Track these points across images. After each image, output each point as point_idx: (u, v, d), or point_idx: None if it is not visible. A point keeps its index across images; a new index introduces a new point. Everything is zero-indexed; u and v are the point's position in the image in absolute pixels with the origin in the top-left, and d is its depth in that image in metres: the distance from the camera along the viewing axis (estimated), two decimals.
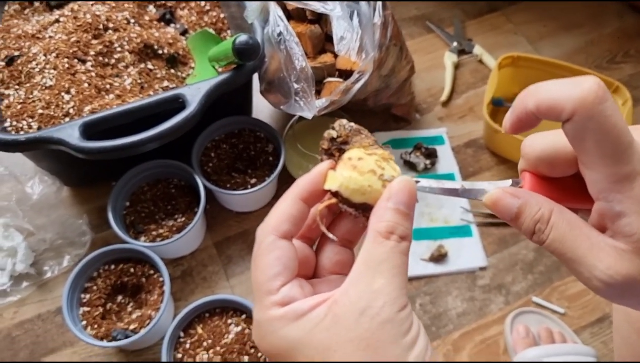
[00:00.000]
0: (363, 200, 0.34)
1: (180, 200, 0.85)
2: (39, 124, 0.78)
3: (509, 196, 0.33)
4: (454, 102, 1.07)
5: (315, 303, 0.31)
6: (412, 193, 0.33)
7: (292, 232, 0.35)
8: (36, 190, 0.85)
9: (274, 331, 0.31)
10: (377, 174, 0.34)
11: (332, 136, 0.36)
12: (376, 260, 0.31)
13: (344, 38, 0.76)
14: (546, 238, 0.31)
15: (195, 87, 0.75)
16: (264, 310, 0.32)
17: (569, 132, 0.29)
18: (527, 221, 0.32)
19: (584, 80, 0.28)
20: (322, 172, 0.35)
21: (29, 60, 0.82)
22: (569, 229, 0.31)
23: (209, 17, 0.96)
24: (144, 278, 0.78)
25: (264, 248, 0.34)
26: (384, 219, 0.32)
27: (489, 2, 1.22)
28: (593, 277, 0.30)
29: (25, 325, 0.82)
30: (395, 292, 0.30)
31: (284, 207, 0.35)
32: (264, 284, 0.32)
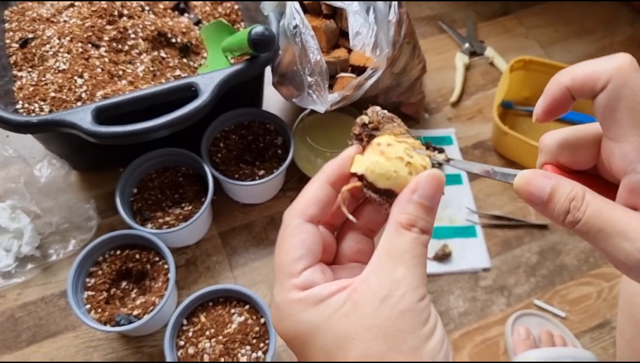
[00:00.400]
0: (388, 186, 0.34)
1: (188, 188, 0.86)
2: (50, 107, 0.78)
3: (541, 176, 0.32)
4: (463, 103, 1.07)
5: (335, 289, 0.31)
6: (439, 187, 0.33)
7: (319, 216, 0.35)
8: (44, 173, 0.85)
9: (292, 314, 0.31)
10: (404, 161, 0.34)
11: (364, 121, 0.36)
12: (398, 249, 0.31)
13: (360, 33, 0.76)
14: (582, 215, 0.30)
15: (209, 77, 0.75)
16: (284, 293, 0.32)
17: (601, 103, 0.29)
18: (561, 200, 0.31)
19: (617, 55, 0.29)
20: (349, 156, 0.35)
21: (42, 43, 0.82)
22: (605, 204, 0.30)
23: (223, 8, 0.96)
24: (149, 265, 0.79)
25: (290, 231, 0.34)
26: (406, 211, 0.32)
27: (502, 5, 1.22)
28: (636, 249, 0.29)
29: (29, 307, 0.82)
30: (416, 281, 0.30)
31: (311, 190, 0.35)
32: (287, 266, 0.33)
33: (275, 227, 0.90)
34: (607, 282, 0.88)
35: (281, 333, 0.33)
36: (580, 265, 0.90)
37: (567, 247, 0.91)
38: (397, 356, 0.29)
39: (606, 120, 0.30)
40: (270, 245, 0.89)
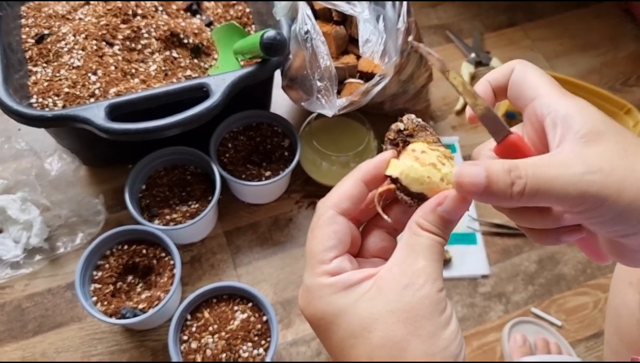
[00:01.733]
0: (420, 190, 0.36)
1: (196, 187, 0.87)
2: (64, 102, 0.80)
3: (470, 165, 0.31)
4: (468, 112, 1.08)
5: (363, 276, 0.34)
6: (464, 208, 0.34)
7: (351, 210, 0.37)
8: (55, 167, 0.87)
9: (322, 296, 0.34)
10: (437, 167, 0.36)
11: (400, 128, 0.39)
12: (419, 244, 0.34)
13: (369, 41, 0.77)
14: (526, 177, 0.30)
15: (220, 78, 0.77)
16: (315, 277, 0.35)
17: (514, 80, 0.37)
18: (500, 175, 0.30)
19: None
20: (385, 159, 0.38)
21: (58, 40, 0.84)
22: (536, 160, 0.31)
23: (235, 11, 0.98)
24: (155, 260, 0.80)
25: (324, 220, 0.36)
26: (427, 219, 0.34)
27: (509, 17, 1.24)
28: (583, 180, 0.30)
29: (36, 298, 0.84)
30: (435, 273, 0.33)
31: (346, 186, 0.37)
32: (319, 254, 0.35)
33: (279, 228, 0.92)
34: (603, 293, 0.90)
35: (309, 313, 0.35)
36: (577, 275, 0.92)
37: (565, 257, 0.93)
38: (416, 340, 0.31)
39: (520, 90, 0.36)
40: (274, 245, 0.90)
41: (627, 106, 0.99)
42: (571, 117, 0.32)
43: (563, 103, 0.33)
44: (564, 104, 0.33)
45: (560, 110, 0.33)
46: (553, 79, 0.36)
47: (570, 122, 0.32)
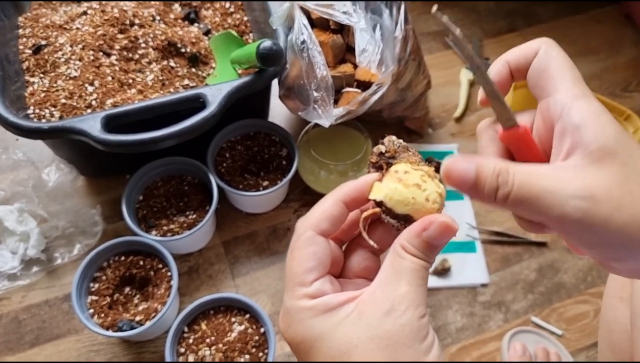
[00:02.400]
0: (406, 211, 0.36)
1: (193, 197, 0.87)
2: (60, 113, 0.79)
3: (462, 160, 0.32)
4: (466, 119, 1.08)
5: (344, 299, 0.33)
6: (449, 235, 0.34)
7: (330, 231, 0.36)
8: (52, 178, 0.87)
9: (302, 320, 0.33)
10: (421, 188, 0.36)
11: (381, 151, 0.38)
12: (403, 269, 0.33)
13: (366, 50, 0.77)
14: (512, 185, 0.31)
15: (217, 88, 0.76)
16: (295, 300, 0.34)
17: (535, 66, 0.35)
18: (488, 178, 0.31)
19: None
20: (369, 181, 0.37)
21: (55, 50, 0.84)
22: (530, 169, 0.31)
23: (233, 19, 0.98)
24: (153, 271, 0.80)
25: (303, 241, 0.35)
26: (412, 243, 0.34)
27: (508, 22, 1.23)
28: (570, 199, 0.29)
29: (32, 310, 0.83)
30: (417, 299, 0.32)
31: (326, 206, 0.37)
32: (299, 275, 0.35)
33: (277, 238, 0.91)
34: None
35: (289, 337, 0.34)
36: (578, 283, 0.91)
37: (565, 265, 0.92)
38: None
39: (541, 80, 0.34)
40: (272, 255, 0.90)
41: (627, 112, 0.98)
42: (584, 129, 0.31)
43: (579, 109, 0.32)
44: (580, 109, 0.32)
45: (574, 118, 0.32)
46: (576, 70, 0.34)
47: (582, 135, 0.31)
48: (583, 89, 0.33)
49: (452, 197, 0.97)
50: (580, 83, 0.33)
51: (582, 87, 0.33)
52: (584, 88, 0.33)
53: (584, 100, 0.32)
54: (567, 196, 0.30)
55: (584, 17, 1.26)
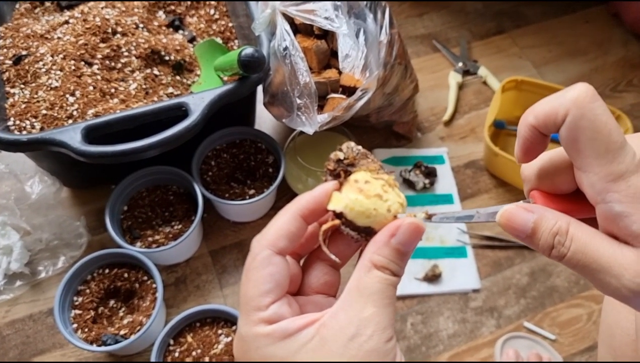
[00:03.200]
0: (367, 223, 0.34)
1: (178, 207, 0.86)
2: (42, 125, 0.78)
3: (523, 211, 0.32)
4: (456, 122, 1.07)
5: (303, 323, 0.31)
6: (417, 236, 0.33)
7: (288, 248, 0.34)
8: (35, 190, 0.85)
9: (258, 347, 0.31)
10: (383, 198, 0.34)
11: (339, 158, 0.36)
12: (369, 288, 0.31)
13: (349, 56, 0.76)
14: (567, 251, 0.30)
15: (199, 97, 0.75)
16: (251, 326, 0.32)
17: (563, 136, 0.30)
18: (544, 235, 0.31)
19: (574, 86, 0.30)
20: (326, 192, 0.35)
21: (36, 60, 0.83)
22: (590, 239, 0.30)
23: (218, 26, 0.97)
24: (138, 284, 0.78)
25: (259, 262, 0.33)
26: (382, 254, 0.32)
27: (496, 24, 1.23)
28: (622, 286, 0.29)
29: (16, 325, 0.82)
30: (384, 322, 0.30)
31: (282, 222, 0.34)
32: (254, 299, 0.32)
33: None
34: (597, 305, 0.88)
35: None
36: (570, 287, 0.90)
37: (557, 269, 0.91)
38: None
39: (570, 151, 0.30)
40: None
41: (617, 113, 0.98)
42: (628, 221, 0.29)
43: (617, 196, 0.29)
44: (618, 196, 0.29)
45: (614, 207, 0.29)
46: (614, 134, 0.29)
47: (628, 226, 0.29)
48: (620, 163, 0.29)
49: (442, 202, 0.97)
50: (617, 156, 0.29)
51: (618, 162, 0.29)
52: (622, 162, 0.29)
53: (622, 182, 0.29)
54: (622, 284, 0.29)
55: (572, 18, 1.25)
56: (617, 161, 0.29)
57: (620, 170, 0.29)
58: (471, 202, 0.97)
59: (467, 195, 0.98)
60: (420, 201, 0.96)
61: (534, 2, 1.27)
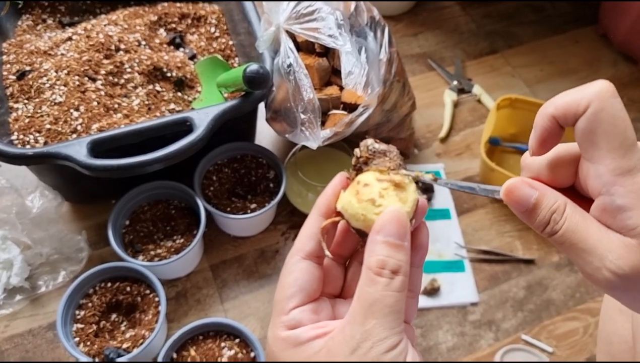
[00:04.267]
0: (359, 226, 0.35)
1: (180, 221, 0.86)
2: (45, 139, 0.79)
3: (527, 186, 0.33)
4: (451, 139, 1.09)
5: (315, 334, 0.33)
6: (401, 223, 0.33)
7: (317, 250, 0.36)
8: (36, 204, 0.85)
9: (275, 351, 0.34)
10: (375, 203, 0.34)
11: (357, 154, 0.37)
12: (368, 300, 0.32)
13: (352, 73, 0.78)
14: (560, 228, 0.32)
15: (203, 112, 0.76)
16: (274, 328, 0.34)
17: (581, 126, 0.31)
18: (544, 212, 0.32)
19: (596, 81, 0.31)
20: (335, 187, 0.37)
21: (39, 76, 0.84)
22: (582, 220, 0.32)
23: (218, 44, 0.99)
24: (140, 297, 0.79)
25: (287, 268, 0.35)
26: (374, 253, 0.32)
27: (489, 44, 1.26)
28: (603, 266, 0.30)
29: (15, 340, 0.81)
30: (384, 332, 0.31)
31: (307, 226, 0.36)
32: (280, 303, 0.35)
33: (266, 260, 0.91)
34: (593, 317, 0.90)
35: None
36: (566, 300, 0.91)
37: (553, 282, 0.93)
38: None
39: (585, 142, 0.31)
40: (260, 278, 0.89)
41: None
42: (627, 215, 0.30)
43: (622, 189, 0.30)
44: (623, 190, 0.30)
45: (616, 199, 0.30)
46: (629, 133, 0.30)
47: (625, 220, 0.30)
48: (630, 160, 0.30)
49: (440, 216, 0.98)
50: (628, 152, 0.30)
51: (629, 158, 0.30)
52: (632, 158, 0.30)
53: (629, 177, 0.30)
54: (603, 264, 0.30)
55: (562, 38, 1.29)
56: (627, 157, 0.30)
57: (629, 165, 0.30)
58: (468, 216, 0.98)
59: (464, 210, 0.99)
60: None
61: (526, 23, 1.30)
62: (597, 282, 0.31)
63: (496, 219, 0.99)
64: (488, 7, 1.33)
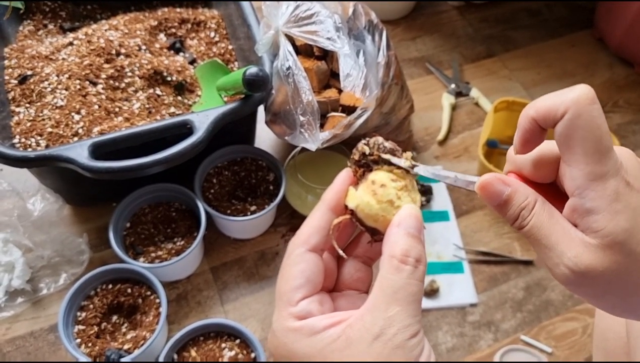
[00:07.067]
0: (374, 225, 0.36)
1: (181, 223, 0.87)
2: (47, 142, 0.79)
3: (500, 182, 0.34)
4: (450, 142, 1.10)
5: (330, 323, 0.33)
6: (419, 218, 0.35)
7: (322, 243, 0.36)
8: (38, 207, 0.86)
9: (286, 343, 0.33)
10: (394, 204, 0.35)
11: (365, 152, 0.37)
12: (393, 287, 0.32)
13: (350, 75, 0.79)
14: (527, 224, 0.33)
15: (204, 114, 0.77)
16: (282, 320, 0.34)
17: (559, 131, 0.32)
18: (514, 208, 0.34)
19: (576, 86, 0.32)
20: (343, 182, 0.37)
21: (41, 80, 0.85)
22: (548, 218, 0.33)
23: (218, 48, 1.00)
24: (141, 299, 0.79)
25: (292, 259, 0.35)
26: (398, 244, 0.34)
27: (487, 48, 1.27)
28: (561, 262, 0.32)
29: (17, 342, 0.82)
30: (408, 319, 0.32)
31: (313, 219, 0.37)
32: (286, 294, 0.34)
33: (266, 262, 0.91)
34: (591, 318, 0.90)
35: (278, 357, 0.34)
36: (565, 300, 0.92)
37: (552, 283, 0.93)
38: None
39: (562, 146, 0.32)
40: (260, 280, 0.90)
41: None
42: (594, 218, 0.31)
43: (593, 193, 0.31)
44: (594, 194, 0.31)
45: (586, 202, 0.31)
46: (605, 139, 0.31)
47: (591, 223, 0.31)
48: (603, 166, 0.31)
49: (439, 218, 0.99)
50: (602, 158, 0.31)
51: (602, 164, 0.31)
52: (606, 164, 0.31)
53: (601, 183, 0.31)
54: (561, 261, 0.32)
55: (559, 42, 1.30)
56: (602, 163, 0.31)
57: (603, 171, 0.31)
58: (466, 218, 0.99)
59: (463, 211, 1.00)
60: None
61: (522, 26, 1.32)
62: (556, 276, 0.33)
63: (495, 221, 0.99)
64: (485, 11, 1.34)
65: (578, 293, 0.34)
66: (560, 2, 1.38)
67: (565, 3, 1.38)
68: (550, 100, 0.32)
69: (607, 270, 0.31)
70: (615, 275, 0.31)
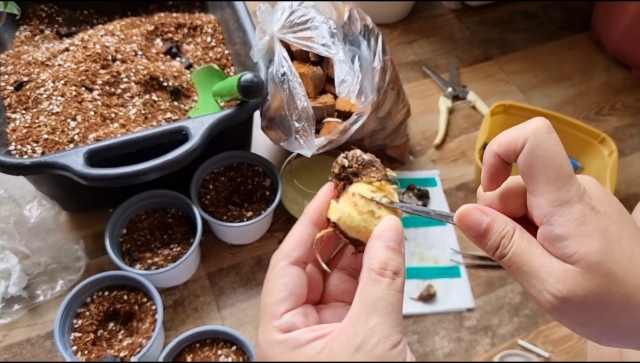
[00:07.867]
0: (357, 237, 0.36)
1: (177, 230, 0.87)
2: (43, 149, 0.79)
3: (478, 212, 0.35)
4: (447, 146, 1.10)
5: (314, 336, 0.33)
6: (399, 230, 0.35)
7: (304, 257, 0.37)
8: (34, 214, 0.86)
9: (272, 356, 0.34)
10: (375, 215, 0.36)
11: (344, 164, 0.38)
12: (372, 298, 0.33)
13: (345, 81, 0.79)
14: (508, 252, 0.34)
15: (199, 121, 0.77)
16: (266, 333, 0.34)
17: (521, 161, 0.33)
18: (494, 237, 0.34)
19: (533, 119, 0.33)
20: (326, 195, 0.38)
21: (37, 86, 0.85)
22: (528, 245, 0.33)
23: (214, 53, 1.00)
24: (137, 306, 0.79)
25: (275, 273, 0.36)
26: (377, 256, 0.34)
27: (484, 51, 1.27)
28: (544, 289, 0.32)
29: (14, 349, 0.82)
30: (388, 329, 0.32)
31: (296, 233, 0.37)
32: (270, 307, 0.35)
33: (262, 268, 0.91)
34: None
35: None
36: None
37: None
38: None
39: (525, 176, 0.33)
40: (257, 286, 0.90)
41: (602, 135, 1.01)
42: (565, 243, 0.32)
43: (560, 219, 0.32)
44: (561, 220, 0.32)
45: (555, 229, 0.32)
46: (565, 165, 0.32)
47: (564, 249, 0.32)
48: (567, 191, 0.32)
49: (436, 223, 0.98)
50: (565, 184, 0.32)
51: (566, 190, 0.32)
52: (569, 190, 0.32)
53: (566, 208, 0.32)
54: (544, 287, 0.32)
55: (556, 45, 1.30)
56: (564, 189, 0.32)
57: (567, 197, 0.32)
58: None
59: None
60: (413, 222, 0.98)
61: (519, 30, 1.32)
62: (540, 303, 0.33)
63: None
64: (482, 14, 1.34)
65: (565, 323, 0.34)
66: (557, 5, 1.38)
67: (562, 6, 1.38)
68: (510, 134, 0.33)
69: (590, 294, 0.31)
70: (598, 297, 0.31)
